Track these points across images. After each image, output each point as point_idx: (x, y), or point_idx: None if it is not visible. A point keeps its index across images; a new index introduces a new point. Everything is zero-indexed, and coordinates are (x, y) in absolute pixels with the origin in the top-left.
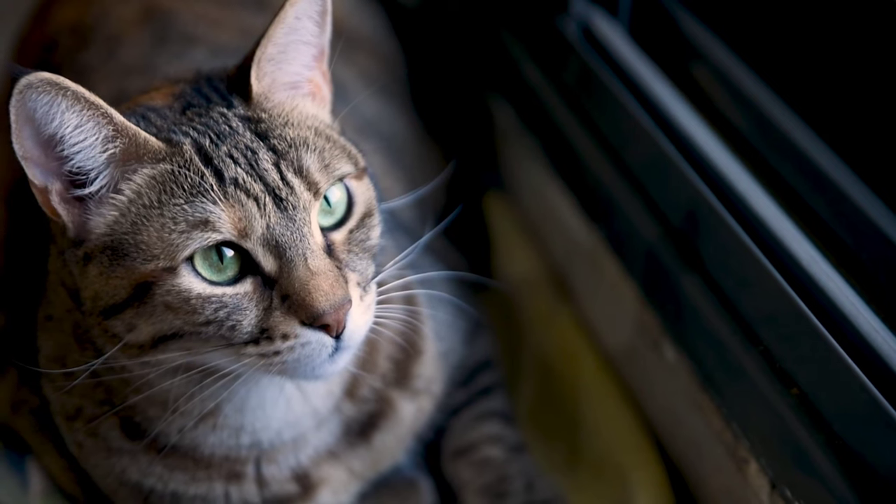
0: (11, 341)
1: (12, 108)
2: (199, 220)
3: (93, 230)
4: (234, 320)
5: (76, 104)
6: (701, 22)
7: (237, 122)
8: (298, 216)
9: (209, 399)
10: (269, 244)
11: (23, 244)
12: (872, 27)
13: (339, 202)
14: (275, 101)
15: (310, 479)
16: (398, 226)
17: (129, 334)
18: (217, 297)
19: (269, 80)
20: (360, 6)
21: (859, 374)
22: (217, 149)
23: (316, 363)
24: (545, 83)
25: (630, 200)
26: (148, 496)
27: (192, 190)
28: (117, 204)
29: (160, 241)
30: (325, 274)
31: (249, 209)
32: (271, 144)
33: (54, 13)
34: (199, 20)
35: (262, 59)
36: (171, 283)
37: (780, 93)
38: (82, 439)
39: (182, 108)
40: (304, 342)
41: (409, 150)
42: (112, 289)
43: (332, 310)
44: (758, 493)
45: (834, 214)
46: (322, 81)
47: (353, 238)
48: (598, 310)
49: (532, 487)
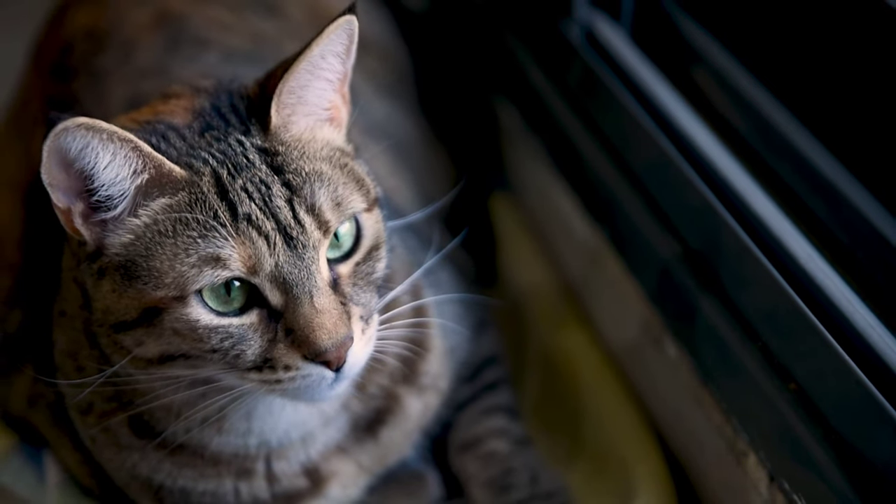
0: (29, 336)
1: (46, 147)
2: (211, 257)
3: (109, 247)
4: (239, 350)
5: (110, 144)
6: (701, 26)
7: (254, 153)
8: (307, 255)
9: (216, 409)
10: (276, 280)
11: (39, 241)
12: (868, 32)
13: (347, 235)
14: (293, 132)
15: (319, 473)
16: (407, 227)
17: (138, 349)
18: (223, 328)
19: (288, 112)
20: (369, 10)
21: (855, 370)
22: (233, 181)
23: (315, 391)
24: (549, 86)
25: (632, 200)
26: (158, 490)
27: (206, 224)
28: (133, 228)
29: (172, 271)
30: (329, 312)
31: (260, 247)
32: (286, 179)
33: (70, 18)
34: (211, 24)
35: (284, 92)
36: (179, 312)
37: (777, 95)
38: (95, 434)
39: (201, 130)
40: (306, 374)
41: (417, 151)
42: (123, 307)
43: (333, 348)
44: (757, 485)
45: (831, 213)
46: (341, 104)
47: (359, 271)
48: (601, 307)
49: (536, 480)
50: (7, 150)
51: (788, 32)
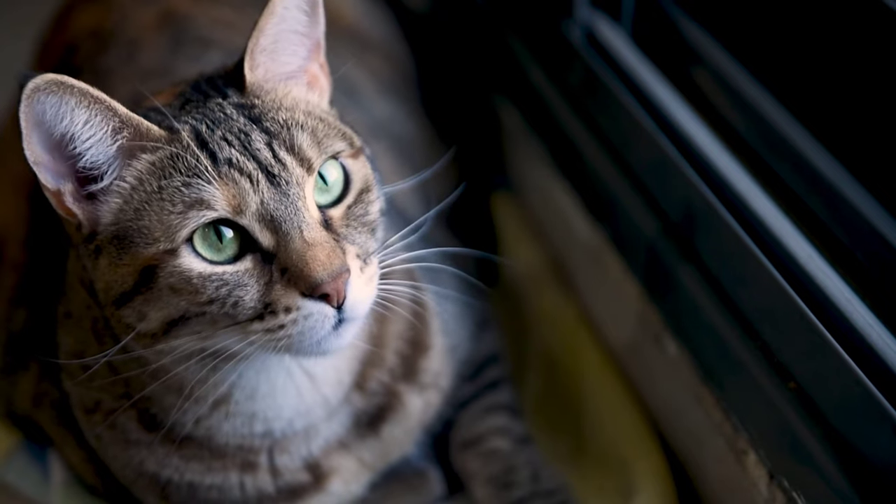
0: (33, 336)
1: (22, 113)
2: (195, 200)
3: (101, 221)
4: (237, 296)
5: (83, 100)
6: (701, 27)
7: (231, 109)
8: (292, 191)
9: (221, 383)
10: (264, 219)
11: (44, 241)
12: (867, 33)
13: (336, 181)
14: (269, 89)
15: (321, 468)
16: (404, 221)
17: (141, 323)
18: (217, 276)
19: (262, 71)
20: (372, 11)
21: (854, 369)
22: (212, 133)
23: (321, 335)
24: (550, 86)
25: (632, 199)
26: (165, 486)
27: (189, 172)
28: (121, 192)
29: (160, 224)
30: (321, 245)
31: (243, 186)
32: (264, 126)
33: (75, 18)
34: (215, 24)
35: (255, 51)
36: (173, 265)
37: (776, 95)
38: (101, 431)
39: (181, 104)
40: (307, 314)
41: (419, 151)
42: (120, 277)
43: (329, 278)
44: (756, 482)
45: (830, 213)
46: (319, 72)
47: (352, 213)
48: (602, 306)
49: (538, 477)
50: (12, 149)
51: (788, 33)
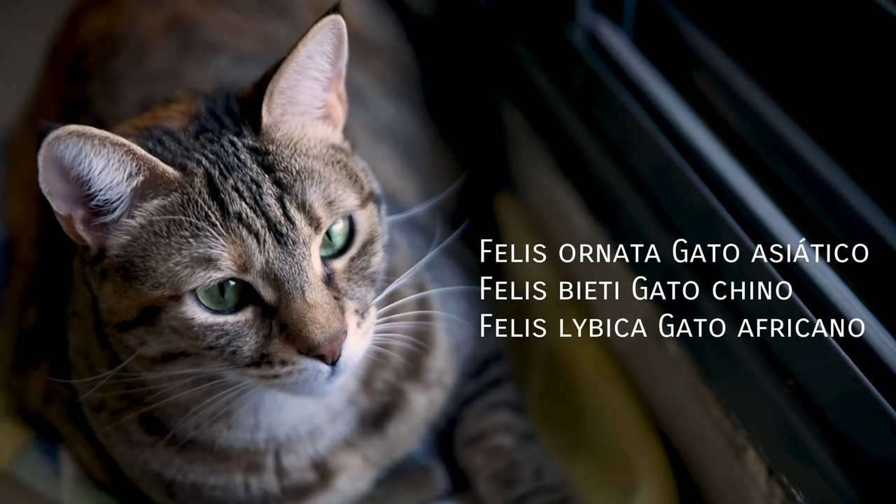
0: (44, 334)
1: (41, 157)
2: (202, 257)
3: (109, 249)
4: (235, 346)
5: (102, 149)
6: (702, 30)
7: (245, 153)
8: (298, 251)
9: (221, 402)
10: (268, 277)
11: (54, 241)
12: (866, 36)
13: (341, 233)
14: (284, 130)
15: (327, 467)
16: (412, 226)
17: (141, 348)
18: (219, 326)
19: (279, 111)
20: (377, 14)
21: (852, 366)
22: (225, 181)
23: (313, 385)
24: (553, 88)
25: (633, 199)
26: (169, 485)
27: (198, 224)
28: (130, 229)
29: (167, 272)
30: (321, 307)
31: (249, 245)
32: (276, 178)
33: (84, 23)
34: (223, 28)
35: (274, 93)
36: (175, 311)
37: (777, 98)
38: (108, 430)
39: (196, 133)
40: (301, 368)
41: (423, 153)
42: (124, 307)
43: (326, 342)
44: (756, 479)
45: (827, 212)
46: (337, 102)
47: (354, 266)
48: (603, 305)
49: (541, 474)
50: (24, 150)
51: (788, 37)
